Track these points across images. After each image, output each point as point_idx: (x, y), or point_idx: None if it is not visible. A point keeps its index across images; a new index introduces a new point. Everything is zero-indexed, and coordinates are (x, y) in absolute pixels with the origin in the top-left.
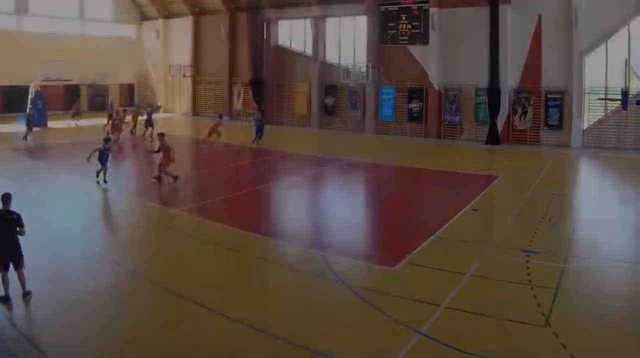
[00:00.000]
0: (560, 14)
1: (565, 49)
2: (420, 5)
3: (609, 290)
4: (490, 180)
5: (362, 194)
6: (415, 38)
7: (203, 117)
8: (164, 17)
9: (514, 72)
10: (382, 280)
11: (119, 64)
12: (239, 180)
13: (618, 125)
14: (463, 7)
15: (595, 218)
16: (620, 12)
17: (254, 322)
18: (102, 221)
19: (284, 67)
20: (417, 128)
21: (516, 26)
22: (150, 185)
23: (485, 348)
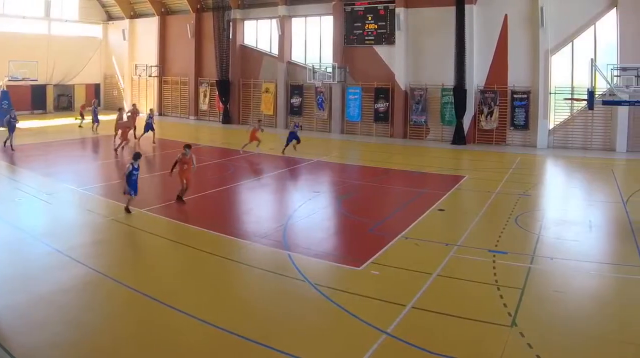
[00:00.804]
0: (526, 14)
1: (531, 48)
2: (386, 5)
3: (575, 290)
4: (457, 180)
5: (328, 194)
6: (382, 38)
7: (171, 118)
8: (130, 17)
9: (480, 72)
10: (348, 280)
11: (85, 64)
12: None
13: (584, 125)
14: (429, 7)
15: (562, 218)
16: (586, 12)
17: (221, 322)
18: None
19: (250, 67)
20: (383, 128)
21: (482, 26)
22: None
23: (452, 349)
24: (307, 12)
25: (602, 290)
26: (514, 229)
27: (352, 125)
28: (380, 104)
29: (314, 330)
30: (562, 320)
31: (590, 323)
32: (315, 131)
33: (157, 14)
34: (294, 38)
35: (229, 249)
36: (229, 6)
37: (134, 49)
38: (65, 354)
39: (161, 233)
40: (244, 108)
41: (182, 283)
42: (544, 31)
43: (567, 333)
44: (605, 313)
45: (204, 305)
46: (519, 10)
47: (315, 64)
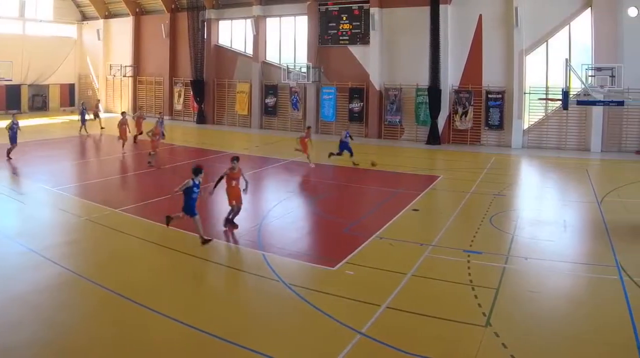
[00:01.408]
0: (501, 14)
1: (506, 48)
2: (360, 5)
3: (550, 291)
4: (431, 180)
5: (303, 194)
6: (356, 38)
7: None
8: (105, 17)
9: (455, 72)
10: (323, 280)
11: (59, 64)
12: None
13: (559, 126)
14: (404, 6)
15: (536, 218)
16: (561, 12)
17: (195, 322)
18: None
19: (224, 67)
20: (357, 128)
21: (457, 26)
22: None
23: (426, 349)
24: (282, 12)
25: (576, 290)
26: (489, 229)
27: (326, 125)
28: (354, 104)
29: (288, 330)
30: (536, 320)
31: (565, 324)
32: (290, 131)
33: (131, 14)
34: (268, 38)
35: (205, 249)
36: (204, 6)
37: (108, 49)
38: (40, 354)
39: (136, 234)
40: (218, 108)
41: (157, 283)
42: (519, 31)
43: (541, 334)
44: (579, 313)
45: (179, 305)
46: (494, 11)
47: (289, 64)
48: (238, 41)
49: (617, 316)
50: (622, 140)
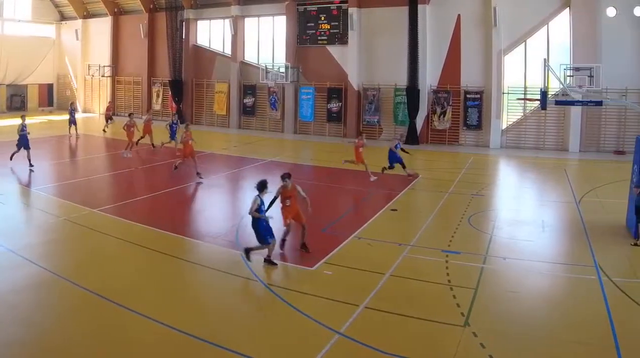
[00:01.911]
0: (479, 14)
1: (484, 48)
2: (339, 5)
3: (528, 291)
4: (410, 180)
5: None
6: (335, 38)
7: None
8: (83, 17)
9: (433, 72)
10: (301, 279)
11: (38, 64)
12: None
13: (537, 125)
14: (382, 7)
15: (515, 218)
16: (539, 12)
17: (174, 322)
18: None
19: (203, 67)
20: (336, 128)
21: (435, 26)
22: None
23: (405, 348)
24: (260, 12)
25: (554, 290)
26: (467, 229)
27: (305, 125)
28: (333, 104)
29: (266, 330)
30: (514, 320)
31: (543, 324)
32: (268, 131)
33: (110, 14)
34: (247, 38)
35: (183, 249)
36: (182, 6)
37: (87, 49)
38: (18, 354)
39: (114, 234)
40: (197, 108)
41: (135, 284)
42: (497, 31)
43: (519, 333)
44: (558, 313)
45: (157, 305)
46: (472, 11)
47: (268, 64)
48: (216, 41)
49: (596, 316)
50: (600, 140)
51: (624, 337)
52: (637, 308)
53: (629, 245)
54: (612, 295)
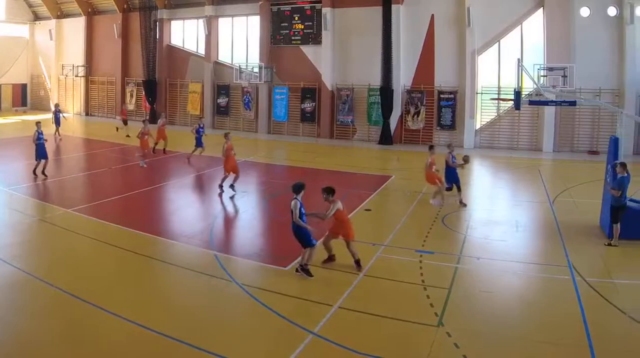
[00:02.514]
0: (453, 14)
1: (458, 48)
2: (313, 5)
3: (502, 291)
4: (384, 180)
5: (255, 194)
6: (308, 38)
7: (98, 118)
8: (57, 17)
9: (407, 72)
10: (275, 279)
11: (12, 64)
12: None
13: (511, 125)
14: (356, 6)
15: (489, 218)
16: (513, 12)
17: (147, 322)
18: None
19: (176, 66)
20: (310, 128)
21: (409, 26)
22: None
23: (379, 348)
24: (234, 12)
25: (528, 290)
26: (441, 229)
27: (279, 125)
28: (307, 104)
29: (240, 330)
30: (488, 320)
31: (517, 323)
32: (242, 131)
33: (84, 14)
34: (220, 38)
35: (156, 249)
36: (156, 6)
37: (60, 49)
38: None
39: (88, 234)
40: (170, 108)
41: (109, 283)
42: (471, 31)
43: (493, 334)
44: (531, 313)
45: (131, 305)
46: (446, 10)
47: (242, 64)
48: (190, 41)
49: (569, 316)
50: (574, 140)
51: (597, 337)
52: (610, 308)
53: (603, 245)
54: (585, 295)
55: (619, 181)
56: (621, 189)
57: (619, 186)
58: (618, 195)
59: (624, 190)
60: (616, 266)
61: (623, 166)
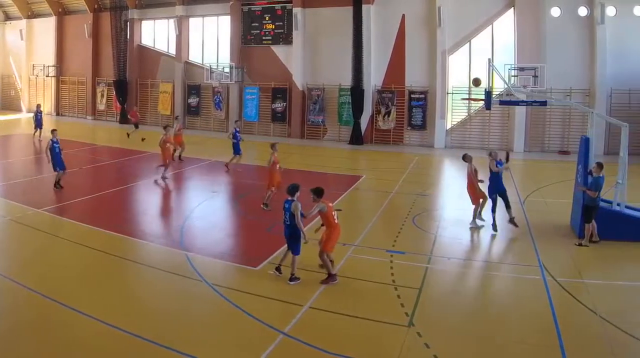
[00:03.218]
0: (424, 14)
1: (428, 48)
2: (283, 5)
3: (472, 290)
4: (354, 180)
5: (226, 194)
6: (279, 38)
7: (68, 118)
8: (28, 17)
9: (378, 72)
10: (246, 279)
11: None
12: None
13: (482, 125)
14: (327, 6)
15: (459, 218)
16: (484, 12)
17: (118, 322)
18: None
19: (147, 66)
20: (280, 128)
21: (380, 26)
22: None
23: (349, 348)
24: (205, 12)
25: (499, 290)
26: (412, 229)
27: (249, 125)
28: (277, 104)
29: (210, 330)
30: (459, 320)
31: (488, 323)
32: (213, 131)
33: (54, 14)
34: (191, 38)
35: (127, 249)
36: (127, 6)
37: (31, 49)
38: None
39: (59, 234)
40: (141, 108)
41: (79, 283)
42: (442, 31)
43: (464, 333)
44: (502, 313)
45: (102, 305)
46: (417, 10)
47: (212, 64)
48: (161, 41)
49: (540, 316)
50: (545, 140)
51: (568, 337)
52: (581, 307)
53: (574, 245)
54: (556, 294)
55: (595, 181)
56: (598, 190)
57: (595, 187)
58: (595, 196)
59: (600, 190)
60: (587, 266)
61: (600, 166)
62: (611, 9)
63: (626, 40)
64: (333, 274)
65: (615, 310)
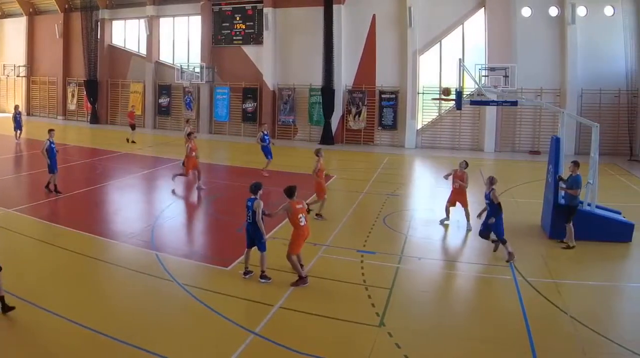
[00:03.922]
0: (394, 14)
1: (399, 48)
2: (254, 5)
3: (443, 290)
4: (325, 180)
5: (196, 194)
6: (250, 38)
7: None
8: None
9: (349, 72)
10: (217, 279)
11: None
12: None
13: (452, 126)
14: (297, 7)
15: (430, 218)
16: (455, 12)
17: (88, 321)
18: None
19: (118, 67)
20: (251, 128)
21: (350, 26)
22: None
23: (320, 348)
24: (175, 12)
25: (470, 289)
26: (382, 229)
27: (220, 125)
28: (248, 104)
29: (181, 330)
30: (430, 320)
31: (458, 323)
32: (183, 131)
33: (25, 14)
34: (162, 38)
35: (98, 249)
36: (97, 6)
37: (2, 49)
38: None
39: (30, 234)
40: (112, 108)
41: (50, 283)
42: (412, 31)
43: (434, 333)
44: (473, 313)
45: (72, 305)
46: (387, 11)
47: (183, 64)
48: (132, 41)
49: (511, 316)
50: (515, 140)
51: (538, 337)
52: (551, 307)
53: (560, 248)
54: (526, 295)
55: (575, 180)
56: (579, 188)
57: (577, 185)
58: (577, 194)
59: (580, 188)
60: (557, 266)
61: (576, 165)
62: (582, 9)
63: (597, 40)
64: (303, 277)
65: (586, 310)
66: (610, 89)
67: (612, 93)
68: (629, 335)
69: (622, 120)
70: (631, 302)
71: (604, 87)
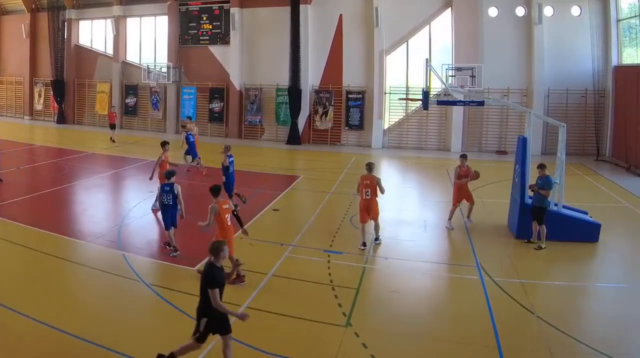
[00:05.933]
0: (361, 14)
1: (366, 48)
2: (221, 5)
3: (410, 290)
4: (291, 180)
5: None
6: (217, 38)
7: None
8: None
9: (315, 72)
10: (183, 279)
11: None
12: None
13: (419, 126)
14: (264, 6)
15: (397, 218)
16: (421, 12)
17: (55, 322)
18: None
19: (85, 67)
20: (218, 128)
21: (317, 26)
22: None
23: (287, 349)
24: (142, 12)
25: (436, 290)
26: (349, 229)
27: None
28: (215, 104)
29: (148, 330)
30: (397, 320)
31: (426, 323)
32: (150, 131)
33: None
34: (128, 38)
35: (64, 249)
36: (64, 6)
37: None
38: None
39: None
40: (79, 108)
41: (16, 283)
42: (379, 31)
43: (401, 334)
44: (440, 313)
45: (39, 305)
46: (354, 11)
47: (150, 64)
48: (98, 41)
49: (478, 315)
50: (482, 140)
51: (505, 336)
52: (518, 307)
53: (533, 249)
54: (493, 295)
55: (546, 181)
56: (551, 188)
57: (548, 186)
58: (549, 196)
59: (552, 188)
60: (524, 266)
61: (543, 167)
62: (548, 9)
63: (563, 40)
64: (241, 276)
65: (553, 309)
66: (577, 89)
67: (579, 93)
68: (595, 334)
69: (589, 120)
70: (597, 301)
71: (570, 87)
